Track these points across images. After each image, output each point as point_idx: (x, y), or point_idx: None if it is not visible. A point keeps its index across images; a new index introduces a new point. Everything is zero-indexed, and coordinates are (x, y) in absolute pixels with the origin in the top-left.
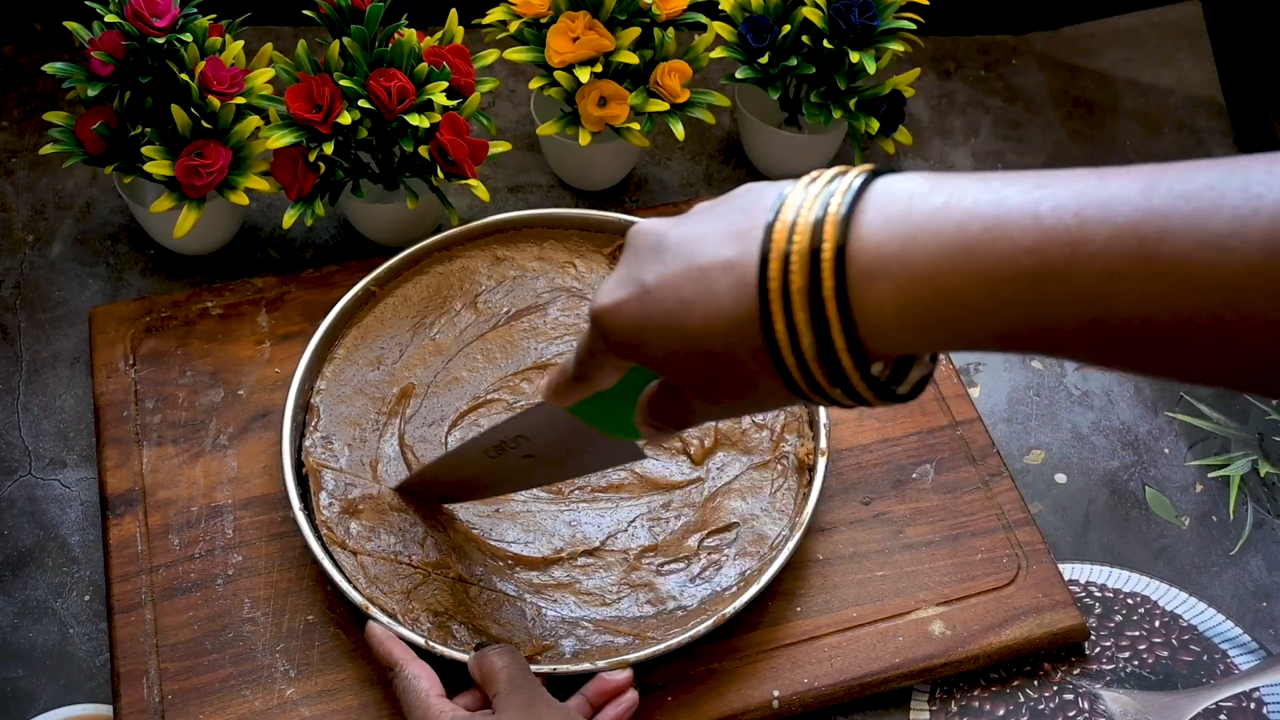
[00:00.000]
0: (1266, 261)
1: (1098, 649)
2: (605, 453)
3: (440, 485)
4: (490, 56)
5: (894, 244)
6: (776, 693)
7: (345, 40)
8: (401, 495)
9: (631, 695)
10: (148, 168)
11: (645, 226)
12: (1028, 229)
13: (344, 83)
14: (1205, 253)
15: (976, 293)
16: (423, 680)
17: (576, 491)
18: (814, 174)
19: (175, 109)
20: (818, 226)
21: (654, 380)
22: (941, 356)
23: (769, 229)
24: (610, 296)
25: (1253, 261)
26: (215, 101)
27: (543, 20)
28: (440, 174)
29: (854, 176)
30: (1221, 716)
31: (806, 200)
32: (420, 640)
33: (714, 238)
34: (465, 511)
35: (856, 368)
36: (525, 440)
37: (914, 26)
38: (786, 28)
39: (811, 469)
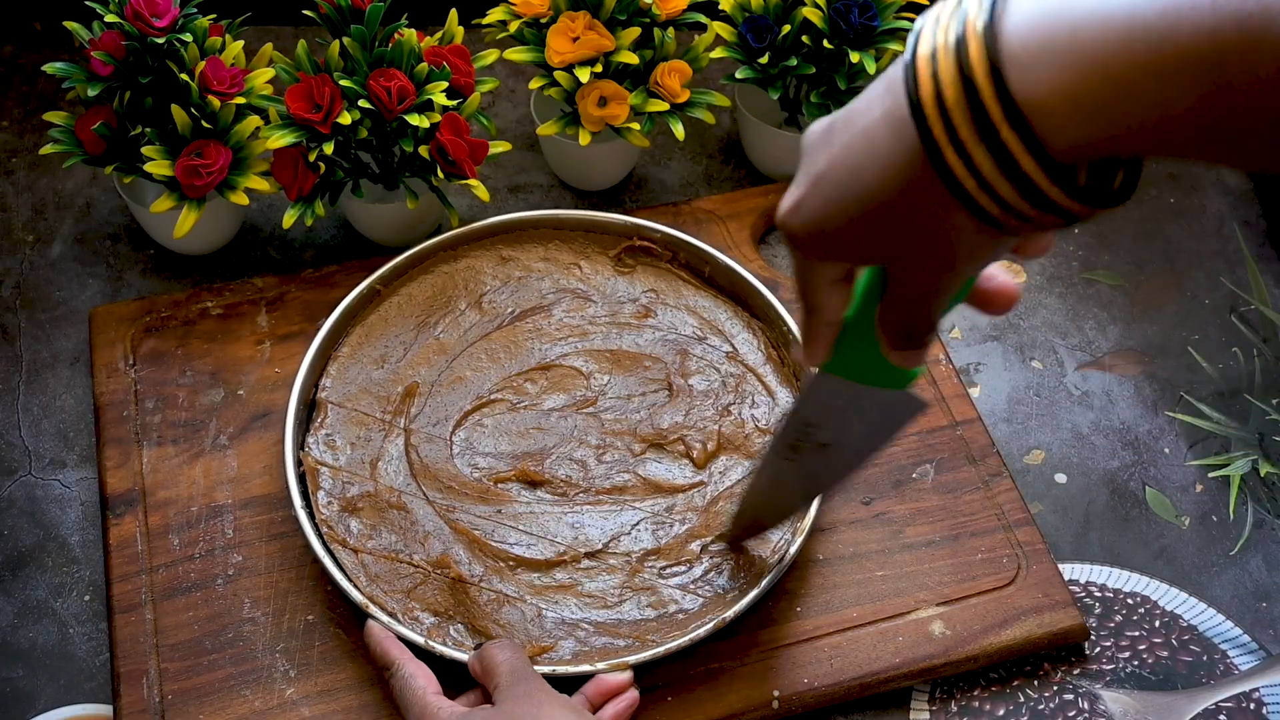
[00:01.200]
0: None
1: (1098, 649)
2: (888, 412)
3: (762, 516)
4: (490, 56)
5: (1059, 33)
6: (776, 693)
7: (345, 40)
8: (731, 548)
9: (632, 694)
10: (148, 168)
11: (815, 125)
12: (1205, 13)
13: (344, 83)
14: None
15: (1154, 79)
16: (419, 679)
17: (580, 494)
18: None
19: (175, 109)
20: (959, 41)
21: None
22: (942, 357)
23: (910, 64)
24: (789, 200)
25: None
26: (215, 101)
27: (543, 20)
28: (440, 174)
29: None
30: (1221, 717)
31: (941, 21)
32: (420, 640)
33: (866, 103)
34: (467, 513)
35: (1043, 170)
36: (813, 428)
37: None
38: (786, 28)
39: None
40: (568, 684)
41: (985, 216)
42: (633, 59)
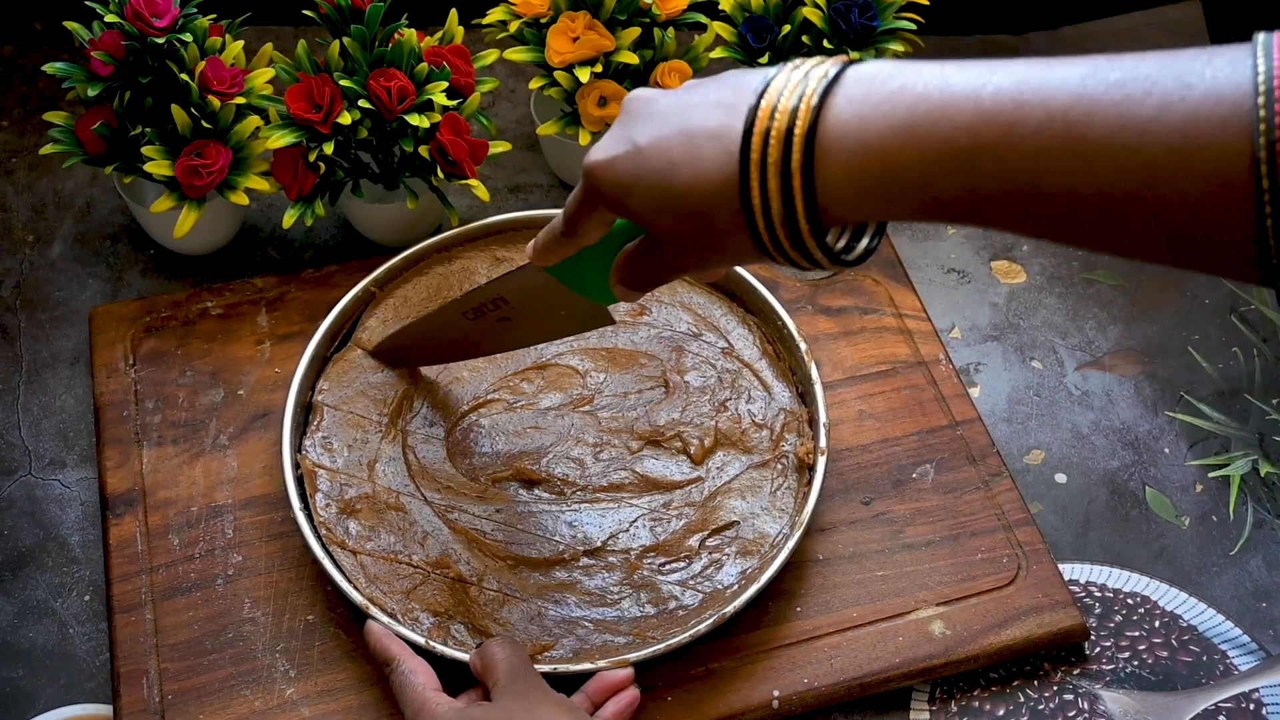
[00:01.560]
0: (1185, 145)
1: (1097, 649)
2: (578, 317)
3: (416, 348)
4: (490, 56)
5: (853, 123)
6: (776, 693)
7: (345, 40)
8: (377, 358)
9: (633, 691)
10: (148, 168)
11: (639, 93)
12: (967, 111)
13: (344, 83)
14: (1128, 136)
15: (918, 167)
16: (419, 675)
17: (578, 492)
18: (796, 61)
19: (175, 109)
20: (794, 110)
21: (630, 243)
22: (942, 357)
23: (754, 108)
24: (605, 153)
25: (1172, 144)
26: (215, 101)
27: (543, 20)
28: (440, 174)
29: (830, 65)
30: (1221, 717)
31: (789, 85)
32: (420, 640)
33: (704, 107)
34: (466, 513)
35: (812, 233)
36: (504, 303)
37: (914, 26)
38: (786, 28)
39: (811, 468)
40: (569, 682)
41: (760, 245)
42: (633, 59)
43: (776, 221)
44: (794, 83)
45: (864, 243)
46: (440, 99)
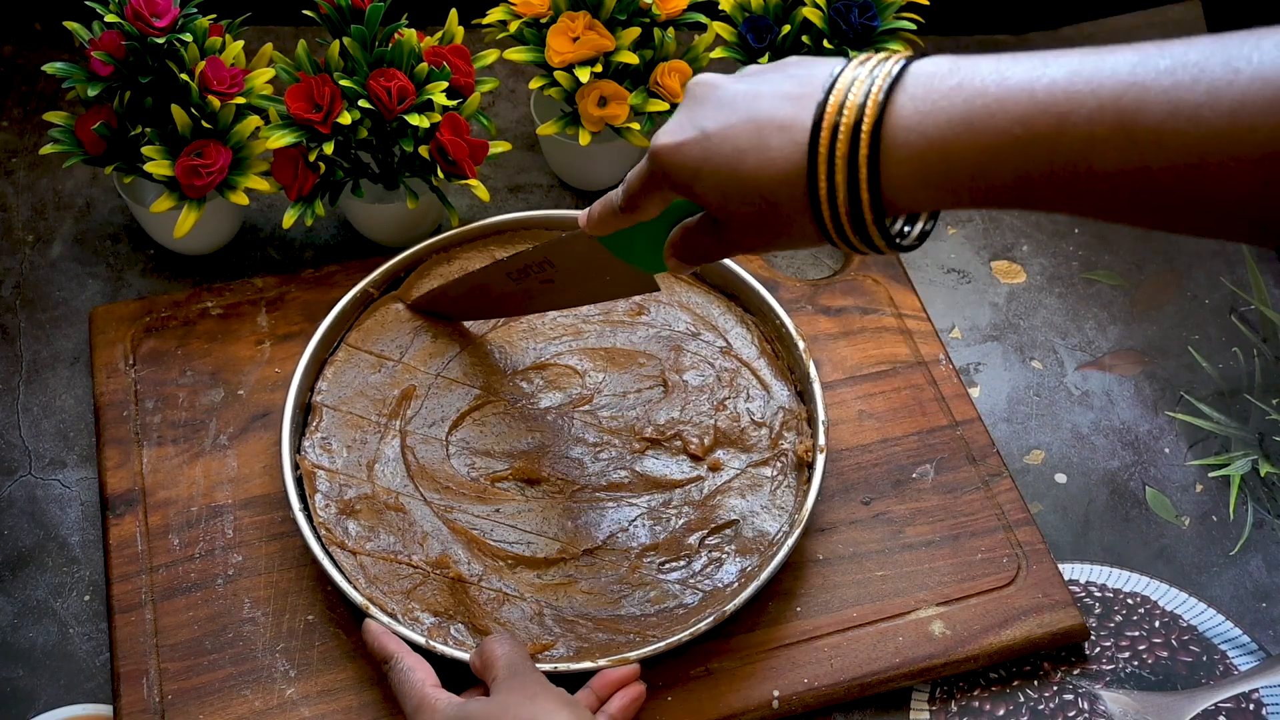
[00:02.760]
0: (1233, 127)
1: (1097, 649)
2: (622, 282)
3: (459, 301)
4: (490, 56)
5: (915, 119)
6: (776, 693)
7: (345, 40)
8: (415, 310)
9: (639, 686)
10: (148, 168)
11: (705, 79)
12: (1022, 103)
13: (344, 83)
14: (1178, 121)
15: (975, 158)
16: (418, 671)
17: (578, 491)
18: (862, 56)
19: (175, 109)
20: (862, 106)
21: (688, 219)
22: (942, 357)
23: (822, 104)
24: (673, 137)
25: (1219, 128)
26: (215, 101)
27: (543, 20)
28: (440, 174)
29: (893, 63)
30: (1221, 717)
31: (856, 81)
32: (421, 640)
33: (772, 98)
34: (465, 513)
35: (875, 221)
36: (550, 266)
37: (914, 26)
38: (786, 28)
39: (810, 466)
40: (570, 681)
41: (824, 231)
42: (633, 59)
43: (842, 211)
44: (860, 79)
45: (919, 227)
46: (440, 99)
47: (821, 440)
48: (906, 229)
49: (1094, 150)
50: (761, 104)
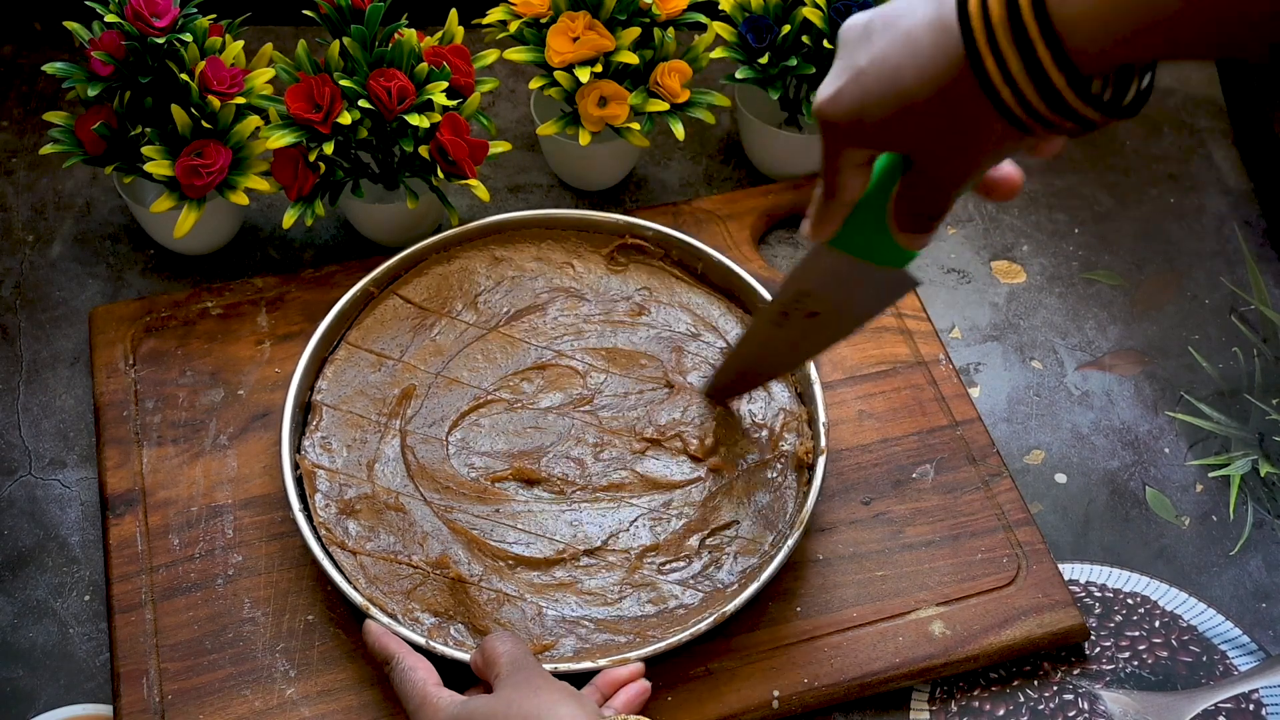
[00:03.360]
0: None
1: (1097, 649)
2: (881, 288)
3: (739, 373)
4: (490, 56)
5: None
6: (776, 693)
7: (345, 40)
8: (714, 398)
9: (643, 683)
10: (148, 168)
11: (852, 20)
12: None
13: (344, 83)
14: None
15: None
16: (419, 670)
17: (579, 492)
18: None
19: (175, 109)
20: None
21: (894, 190)
22: (942, 357)
23: None
24: (829, 88)
25: None
26: (215, 101)
27: (543, 20)
28: (440, 174)
29: None
30: (1221, 717)
31: None
32: (421, 640)
33: (911, 6)
34: (465, 513)
35: (1070, 84)
36: (806, 297)
37: None
38: (786, 28)
39: (811, 467)
40: (571, 681)
41: (1013, 119)
42: (633, 59)
43: (1022, 82)
44: None
45: (1133, 87)
46: (440, 99)
47: (822, 442)
48: (1119, 92)
49: None
50: (903, 18)
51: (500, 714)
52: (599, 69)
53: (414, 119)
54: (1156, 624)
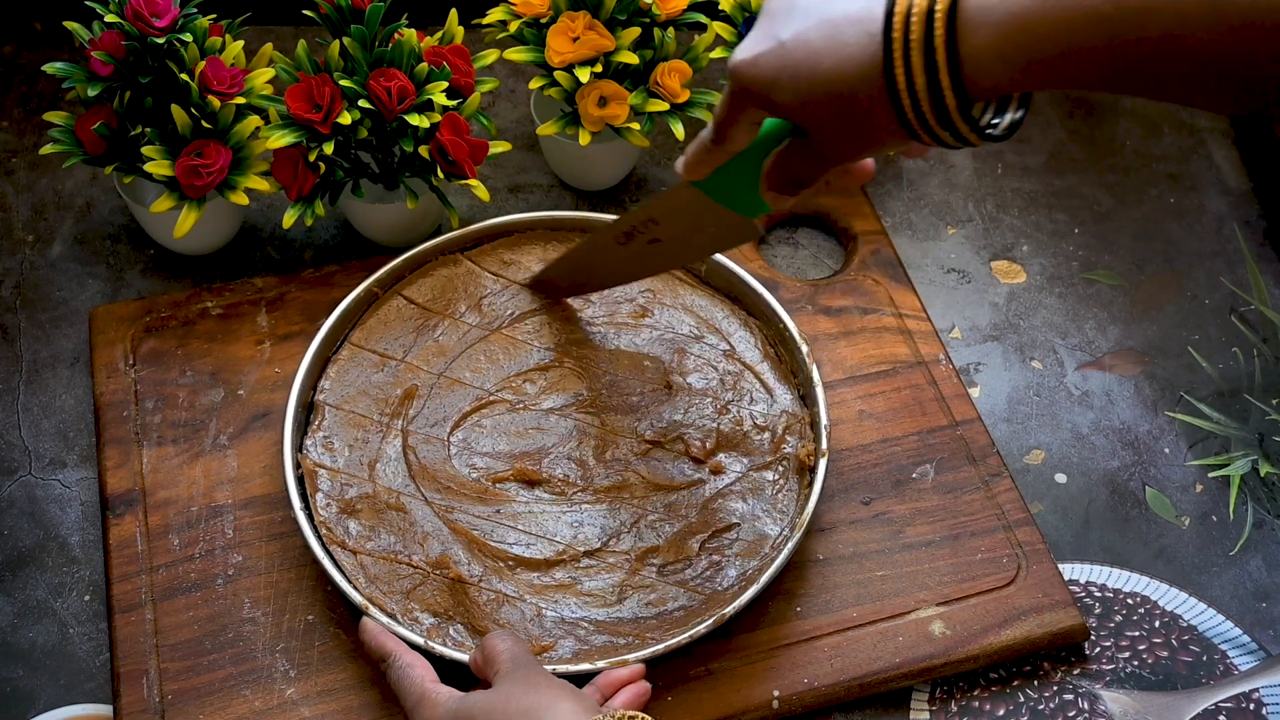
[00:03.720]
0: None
1: (1097, 649)
2: (726, 231)
3: (571, 276)
4: (490, 56)
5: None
6: (776, 693)
7: (345, 40)
8: (532, 290)
9: (644, 684)
10: (148, 168)
11: None
12: None
13: (344, 83)
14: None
15: (1061, 32)
16: (417, 668)
17: (579, 494)
18: None
19: (175, 109)
20: None
21: (777, 149)
22: (942, 357)
23: None
24: (749, 52)
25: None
26: (215, 101)
27: (543, 20)
28: (440, 174)
29: None
30: (1221, 717)
31: None
32: (420, 640)
33: None
34: (466, 514)
35: (959, 107)
36: (654, 224)
37: None
38: None
39: (812, 470)
40: (571, 682)
41: (907, 126)
42: (633, 59)
43: (922, 98)
44: None
45: (1008, 117)
46: (440, 99)
47: (824, 445)
48: (995, 121)
49: (1184, 23)
50: (834, 4)
51: (499, 709)
52: (599, 69)
53: (414, 119)
54: (1156, 624)
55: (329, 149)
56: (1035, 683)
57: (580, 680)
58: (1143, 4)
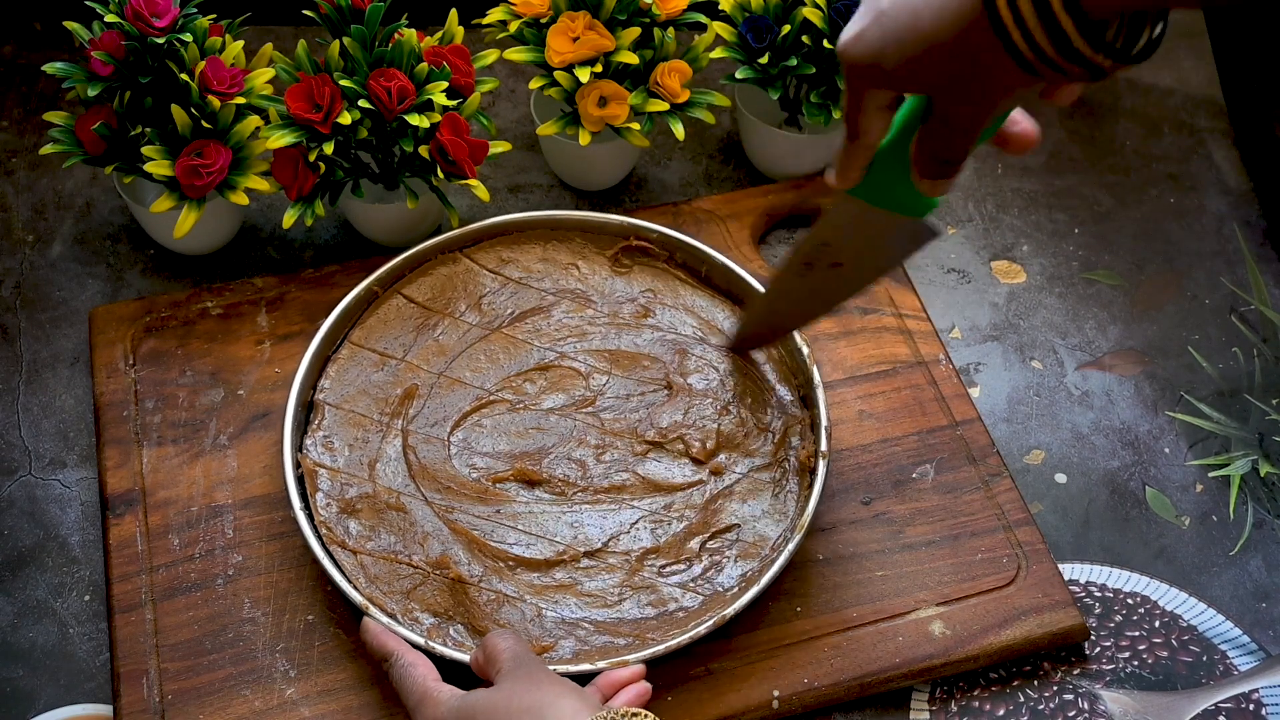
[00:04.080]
0: None
1: (1097, 649)
2: (901, 237)
3: (766, 322)
4: (490, 56)
5: None
6: (776, 693)
7: (345, 40)
8: (739, 349)
9: (644, 684)
10: (148, 168)
11: None
12: None
13: (344, 83)
14: None
15: None
16: (419, 667)
17: (580, 494)
18: None
19: (175, 109)
20: None
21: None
22: (942, 357)
23: None
24: (852, 30)
25: None
26: (215, 101)
27: (543, 20)
28: (440, 174)
29: None
30: (1221, 717)
31: None
32: (420, 640)
33: None
34: (466, 514)
35: (1079, 30)
36: (828, 247)
37: None
38: (786, 28)
39: (813, 471)
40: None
41: (1023, 62)
42: (633, 59)
43: (1032, 25)
44: None
45: (1145, 36)
46: (440, 99)
47: (824, 446)
48: (1132, 39)
49: None
50: None
51: (501, 707)
52: (599, 69)
53: (414, 119)
54: (1156, 624)
55: (329, 149)
56: (1035, 683)
57: (580, 681)
58: None
